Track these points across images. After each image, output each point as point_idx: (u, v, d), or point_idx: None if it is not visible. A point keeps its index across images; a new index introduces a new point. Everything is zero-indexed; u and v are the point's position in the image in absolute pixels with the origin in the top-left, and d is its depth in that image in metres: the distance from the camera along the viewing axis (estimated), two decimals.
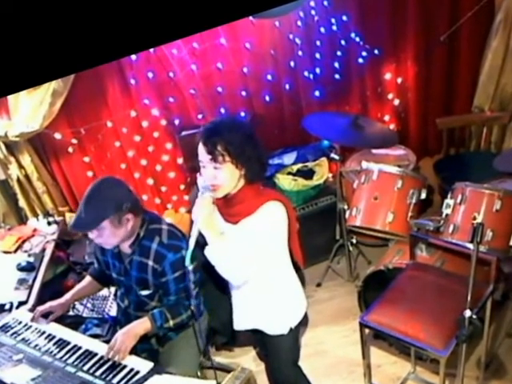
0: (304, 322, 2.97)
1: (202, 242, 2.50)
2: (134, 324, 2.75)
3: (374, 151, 4.51)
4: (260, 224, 2.48)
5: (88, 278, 3.17)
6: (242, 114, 4.70)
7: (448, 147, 4.77)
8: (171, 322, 2.79)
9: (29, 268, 3.58)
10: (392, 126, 5.08)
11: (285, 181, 4.37)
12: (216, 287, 2.98)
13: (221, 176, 2.44)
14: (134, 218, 2.74)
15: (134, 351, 2.66)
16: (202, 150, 2.44)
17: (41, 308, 2.97)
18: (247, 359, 3.83)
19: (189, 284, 2.78)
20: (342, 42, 4.69)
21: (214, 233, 2.47)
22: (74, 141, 4.50)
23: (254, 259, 2.52)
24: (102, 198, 2.66)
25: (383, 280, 3.34)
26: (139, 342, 2.70)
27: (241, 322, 2.86)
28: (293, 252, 2.75)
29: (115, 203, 2.65)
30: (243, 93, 4.69)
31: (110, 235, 2.69)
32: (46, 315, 2.98)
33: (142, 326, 2.74)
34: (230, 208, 2.56)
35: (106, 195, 2.67)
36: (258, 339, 3.00)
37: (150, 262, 2.78)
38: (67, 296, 3.06)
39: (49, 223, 4.10)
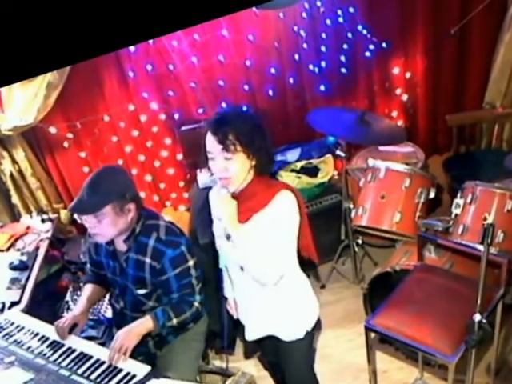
0: (318, 325, 2.91)
1: (201, 243, 2.50)
2: (135, 323, 2.74)
3: (381, 148, 4.50)
4: (275, 216, 2.43)
5: (90, 285, 3.09)
6: (245, 108, 4.69)
7: (458, 145, 4.76)
8: (175, 321, 2.76)
9: (22, 267, 3.58)
10: (400, 123, 5.07)
11: (288, 178, 4.36)
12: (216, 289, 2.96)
13: (232, 167, 2.39)
14: (135, 210, 2.74)
15: (131, 354, 2.65)
16: (211, 140, 2.38)
17: (66, 322, 2.81)
18: (248, 363, 3.83)
19: (192, 280, 2.79)
20: (349, 35, 4.68)
21: (240, 230, 2.44)
22: (70, 135, 4.50)
23: (279, 253, 2.47)
24: (106, 182, 2.67)
25: (390, 282, 3.34)
26: (137, 345, 2.69)
27: (253, 332, 2.78)
28: (303, 247, 2.68)
29: (119, 189, 2.67)
30: (245, 86, 4.69)
31: (110, 224, 2.67)
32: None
33: (144, 325, 2.72)
34: (239, 204, 2.49)
35: (111, 180, 2.69)
36: (269, 347, 2.94)
37: (148, 260, 2.77)
38: (83, 304, 2.95)
39: (43, 221, 4.10)
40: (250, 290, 2.64)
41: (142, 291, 2.85)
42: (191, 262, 2.78)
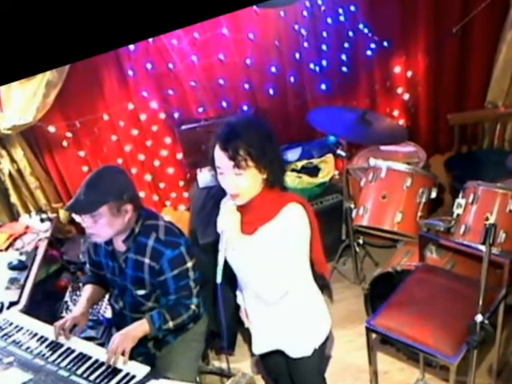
0: (330, 338, 2.83)
1: (201, 243, 2.46)
2: (132, 326, 2.73)
3: (383, 148, 4.50)
4: (282, 230, 2.35)
5: (89, 286, 3.09)
6: (245, 107, 4.69)
7: (460, 144, 4.76)
8: (171, 324, 2.76)
9: (20, 267, 3.58)
10: (401, 122, 5.07)
11: (289, 178, 4.35)
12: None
13: (243, 183, 2.29)
14: (133, 211, 2.73)
15: (130, 355, 2.65)
16: (221, 155, 2.26)
17: (67, 323, 2.80)
18: (248, 364, 3.83)
19: (189, 282, 2.79)
20: (350, 34, 4.68)
21: (243, 242, 2.38)
22: (69, 134, 4.50)
23: (284, 267, 2.39)
24: (104, 182, 2.66)
25: (391, 282, 3.34)
26: (136, 346, 2.69)
27: (259, 345, 2.74)
28: (316, 262, 2.61)
29: (117, 190, 2.65)
30: (246, 85, 4.69)
31: (106, 224, 2.67)
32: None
33: (140, 328, 2.72)
34: (246, 215, 2.42)
35: (109, 180, 2.68)
36: (275, 362, 2.89)
37: (147, 260, 2.77)
38: (83, 305, 2.94)
39: (42, 220, 4.09)
40: (256, 303, 2.59)
41: (141, 292, 2.85)
42: (190, 264, 2.78)
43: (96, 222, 2.65)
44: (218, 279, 2.33)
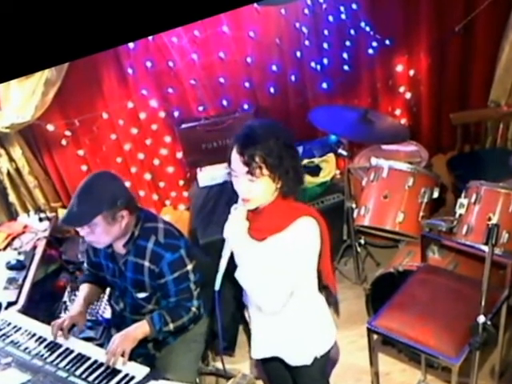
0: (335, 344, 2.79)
1: (201, 242, 2.45)
2: (132, 327, 2.73)
3: (384, 147, 4.49)
4: (291, 242, 2.33)
5: (86, 285, 3.08)
6: (246, 106, 4.69)
7: (462, 144, 4.75)
8: (171, 326, 2.77)
9: (19, 267, 3.58)
10: (403, 121, 5.06)
11: None
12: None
13: (256, 190, 2.29)
14: (129, 215, 2.72)
15: (130, 356, 2.65)
16: (236, 159, 2.26)
17: (65, 323, 2.80)
18: (248, 365, 3.82)
19: (190, 284, 2.78)
20: (352, 32, 4.67)
21: (247, 252, 2.37)
22: (68, 133, 4.50)
23: (287, 280, 2.37)
24: (96, 192, 2.64)
25: (393, 283, 3.33)
26: (135, 346, 2.69)
27: (259, 350, 2.71)
28: (323, 274, 2.59)
29: (110, 198, 2.63)
30: (246, 84, 4.69)
31: (103, 232, 2.66)
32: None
33: (140, 329, 2.72)
34: (257, 221, 2.41)
35: (101, 189, 2.65)
36: (275, 368, 2.87)
37: (147, 263, 2.76)
38: (81, 304, 2.94)
39: (40, 219, 4.09)
40: (258, 307, 2.54)
41: (141, 295, 2.85)
42: (190, 267, 2.78)
43: (93, 231, 2.65)
44: (217, 286, 2.33)
